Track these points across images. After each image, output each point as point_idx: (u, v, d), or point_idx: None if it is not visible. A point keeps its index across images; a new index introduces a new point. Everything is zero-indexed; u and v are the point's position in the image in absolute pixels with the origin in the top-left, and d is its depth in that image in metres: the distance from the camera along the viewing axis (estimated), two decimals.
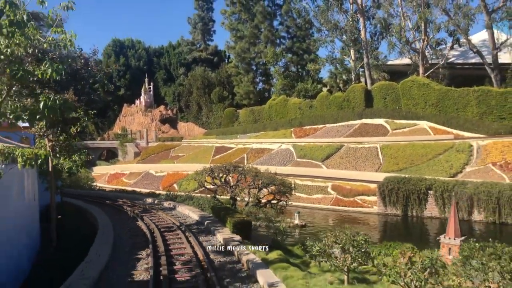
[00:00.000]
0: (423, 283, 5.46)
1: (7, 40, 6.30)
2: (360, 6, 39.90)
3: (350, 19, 41.14)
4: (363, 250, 6.41)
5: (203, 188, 17.51)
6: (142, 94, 54.41)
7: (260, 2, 46.67)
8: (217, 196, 17.22)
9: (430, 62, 39.88)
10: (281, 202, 16.74)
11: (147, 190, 28.17)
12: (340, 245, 6.31)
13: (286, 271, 6.86)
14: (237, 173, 16.55)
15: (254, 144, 38.66)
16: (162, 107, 54.42)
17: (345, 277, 6.50)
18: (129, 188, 32.34)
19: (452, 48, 38.35)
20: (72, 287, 7.02)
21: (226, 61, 55.30)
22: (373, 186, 26.12)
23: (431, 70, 38.83)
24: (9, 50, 6.41)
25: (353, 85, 40.49)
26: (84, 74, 22.35)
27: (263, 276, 6.95)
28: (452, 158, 27.91)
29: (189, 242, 10.14)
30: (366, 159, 31.61)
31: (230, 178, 17.53)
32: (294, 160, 34.61)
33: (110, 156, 48.30)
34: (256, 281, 7.13)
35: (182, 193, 21.87)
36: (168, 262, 8.40)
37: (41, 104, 6.54)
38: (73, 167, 12.75)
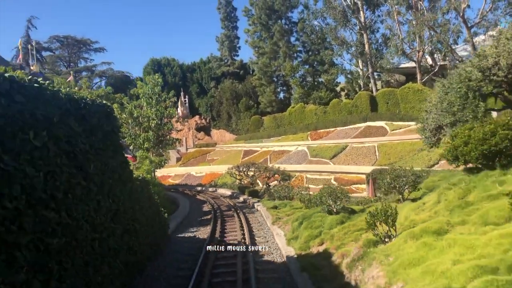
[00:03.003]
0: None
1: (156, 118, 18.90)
2: (363, 24, 50.56)
3: (356, 35, 51.96)
4: (288, 191, 18.20)
5: (234, 180, 29.57)
6: (179, 106, 67.68)
7: (278, 22, 58.39)
8: (242, 183, 29.24)
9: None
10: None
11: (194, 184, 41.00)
12: (279, 190, 18.15)
13: (266, 202, 18.68)
14: (254, 168, 28.46)
15: (275, 147, 50.33)
16: (197, 117, 67.60)
17: (282, 202, 18.41)
18: None
19: (445, 56, 48.04)
20: (180, 211, 19.28)
21: (251, 73, 67.47)
22: (364, 176, 37.01)
23: (431, 73, 48.80)
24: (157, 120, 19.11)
25: (360, 93, 51.10)
26: None
27: (256, 205, 18.90)
28: (432, 152, 38.27)
29: (226, 200, 22.31)
30: (365, 156, 42.42)
31: (251, 172, 29.45)
32: (308, 159, 45.95)
33: None
34: (254, 207, 19.07)
35: None
36: (217, 205, 20.57)
37: (171, 141, 19.17)
38: (159, 167, 25.28)
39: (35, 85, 5.41)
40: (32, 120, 5.19)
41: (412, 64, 52.69)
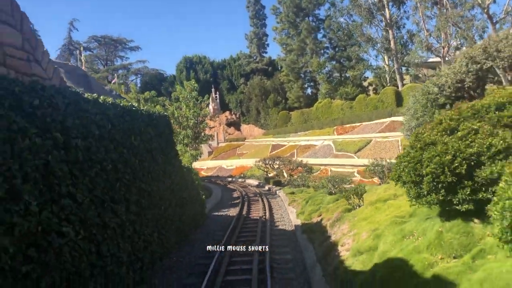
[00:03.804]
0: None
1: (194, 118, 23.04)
2: (388, 20, 52.77)
3: (382, 32, 54.25)
4: (304, 180, 21.71)
5: (262, 172, 33.39)
6: (210, 102, 72.21)
7: (305, 19, 61.39)
8: (268, 175, 32.98)
9: None
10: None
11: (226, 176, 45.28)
12: (297, 179, 21.72)
13: (286, 189, 22.34)
14: (279, 161, 32.10)
15: (302, 141, 53.67)
16: (227, 113, 71.94)
17: (299, 189, 21.98)
18: None
19: None
20: (214, 197, 23.31)
21: (279, 69, 70.89)
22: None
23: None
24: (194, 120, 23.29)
25: (386, 88, 53.44)
26: None
27: (278, 192, 22.63)
28: None
29: (253, 189, 26.15)
30: (389, 150, 45.02)
31: (276, 165, 33.12)
32: (333, 153, 49.03)
33: None
34: (276, 194, 22.82)
35: None
36: (245, 192, 24.48)
37: (205, 137, 23.29)
38: (195, 160, 29.42)
39: (133, 108, 9.34)
40: (132, 130, 9.10)
41: (439, 59, 54.39)
